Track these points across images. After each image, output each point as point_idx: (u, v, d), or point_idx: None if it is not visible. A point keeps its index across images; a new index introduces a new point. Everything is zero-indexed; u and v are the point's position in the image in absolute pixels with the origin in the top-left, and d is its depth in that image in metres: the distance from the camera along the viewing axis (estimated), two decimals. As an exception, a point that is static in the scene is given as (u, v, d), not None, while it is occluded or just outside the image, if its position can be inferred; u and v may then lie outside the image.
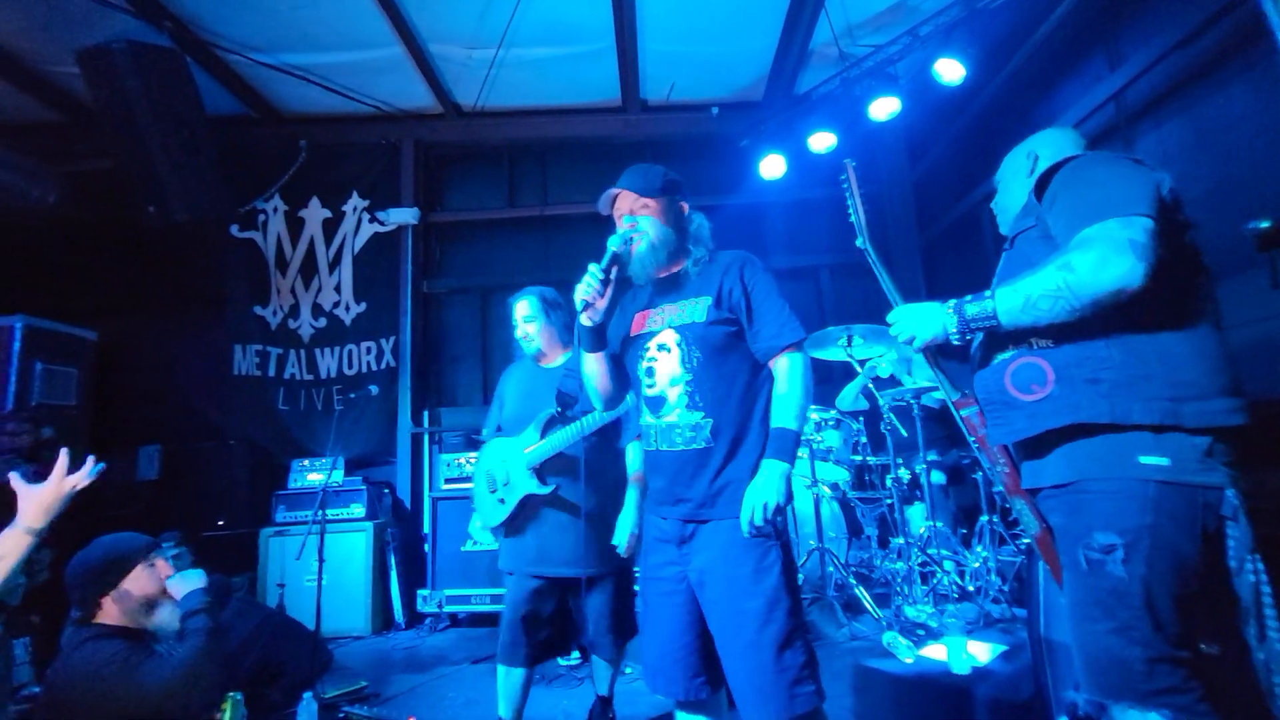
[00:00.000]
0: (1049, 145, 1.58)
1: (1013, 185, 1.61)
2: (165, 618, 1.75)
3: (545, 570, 2.26)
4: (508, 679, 2.26)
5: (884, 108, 4.20)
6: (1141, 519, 1.21)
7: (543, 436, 2.30)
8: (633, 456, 2.35)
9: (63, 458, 1.56)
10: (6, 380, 4.18)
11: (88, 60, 3.70)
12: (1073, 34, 3.56)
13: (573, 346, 2.43)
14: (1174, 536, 1.20)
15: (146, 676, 1.61)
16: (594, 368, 1.71)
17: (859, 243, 1.61)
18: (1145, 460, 1.22)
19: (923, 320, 1.42)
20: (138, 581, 1.73)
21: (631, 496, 2.28)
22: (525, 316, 2.48)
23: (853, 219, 1.60)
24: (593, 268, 1.59)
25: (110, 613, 1.71)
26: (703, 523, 1.56)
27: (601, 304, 1.61)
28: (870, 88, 4.21)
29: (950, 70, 3.93)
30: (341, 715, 2.74)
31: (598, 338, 1.66)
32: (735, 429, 1.56)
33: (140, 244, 4.98)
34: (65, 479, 1.54)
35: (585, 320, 1.62)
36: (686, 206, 1.73)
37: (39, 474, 3.51)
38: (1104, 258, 1.21)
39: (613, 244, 1.63)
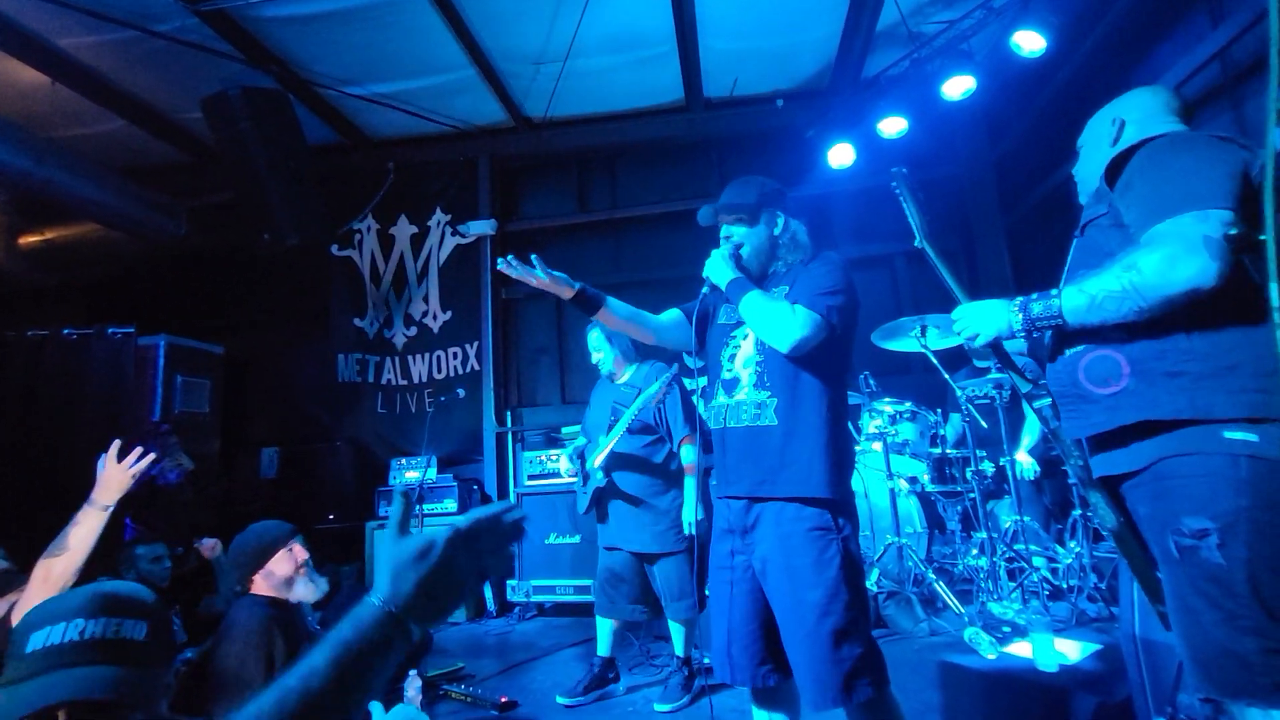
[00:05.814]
0: (1137, 109, 1.48)
1: (1094, 154, 1.53)
2: (302, 591, 2.09)
3: (615, 543, 2.86)
4: (601, 626, 2.89)
5: (958, 86, 4.04)
6: (1236, 501, 1.14)
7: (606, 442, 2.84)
8: (685, 452, 2.81)
9: (114, 446, 1.79)
10: (154, 392, 4.79)
11: (210, 106, 4.19)
12: (1168, -10, 3.30)
13: (636, 361, 3.02)
14: (1274, 518, 1.13)
15: (279, 636, 1.95)
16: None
17: (917, 243, 1.62)
18: (1231, 435, 1.16)
19: (987, 318, 1.41)
20: (280, 564, 2.06)
21: (689, 485, 2.76)
22: (593, 346, 3.02)
23: (911, 220, 1.61)
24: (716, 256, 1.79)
25: (260, 586, 2.05)
26: (763, 501, 1.61)
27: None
28: (943, 66, 4.05)
29: (1030, 41, 3.72)
30: (441, 692, 2.98)
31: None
32: (797, 411, 1.61)
33: (256, 267, 5.59)
34: (129, 466, 1.77)
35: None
36: (779, 217, 1.76)
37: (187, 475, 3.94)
38: (1173, 257, 1.16)
39: (713, 260, 1.77)
